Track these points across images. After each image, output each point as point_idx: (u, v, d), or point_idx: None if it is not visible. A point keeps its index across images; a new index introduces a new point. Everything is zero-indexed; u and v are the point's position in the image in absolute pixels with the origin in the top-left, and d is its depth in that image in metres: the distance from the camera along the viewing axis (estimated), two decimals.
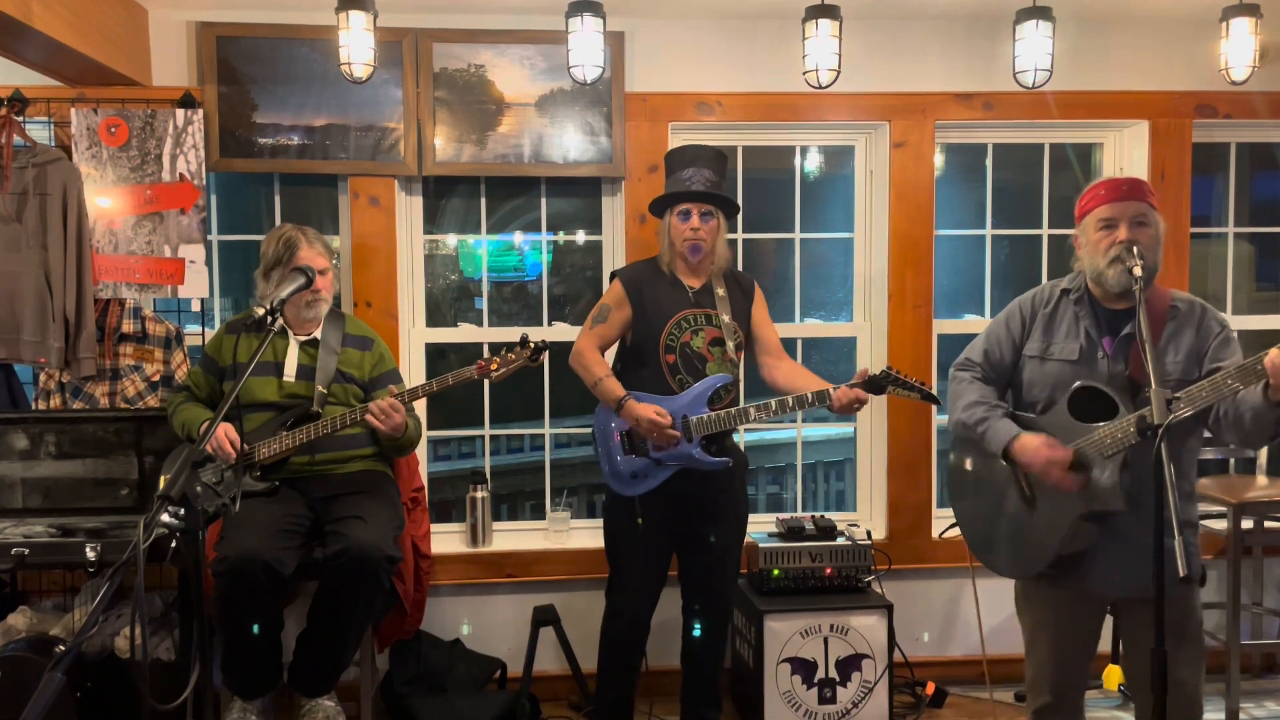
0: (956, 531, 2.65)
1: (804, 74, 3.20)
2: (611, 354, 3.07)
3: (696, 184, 2.90)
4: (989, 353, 2.49)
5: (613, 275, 3.06)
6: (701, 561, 3.00)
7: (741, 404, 2.97)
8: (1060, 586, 2.37)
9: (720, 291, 2.98)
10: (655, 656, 3.46)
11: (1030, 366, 2.41)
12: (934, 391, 2.85)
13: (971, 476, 2.52)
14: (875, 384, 2.78)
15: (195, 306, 3.55)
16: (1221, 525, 3.39)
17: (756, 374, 3.10)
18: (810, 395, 2.80)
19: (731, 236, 3.81)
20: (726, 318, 2.95)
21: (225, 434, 2.86)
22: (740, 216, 3.78)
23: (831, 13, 3.12)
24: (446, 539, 3.73)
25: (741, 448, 3.38)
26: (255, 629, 2.75)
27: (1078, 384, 2.28)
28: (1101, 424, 2.22)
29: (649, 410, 2.81)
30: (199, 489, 2.83)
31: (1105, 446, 2.21)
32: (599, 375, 2.90)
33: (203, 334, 3.52)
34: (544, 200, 3.75)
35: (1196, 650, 2.28)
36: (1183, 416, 2.06)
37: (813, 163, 3.92)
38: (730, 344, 2.94)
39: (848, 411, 2.81)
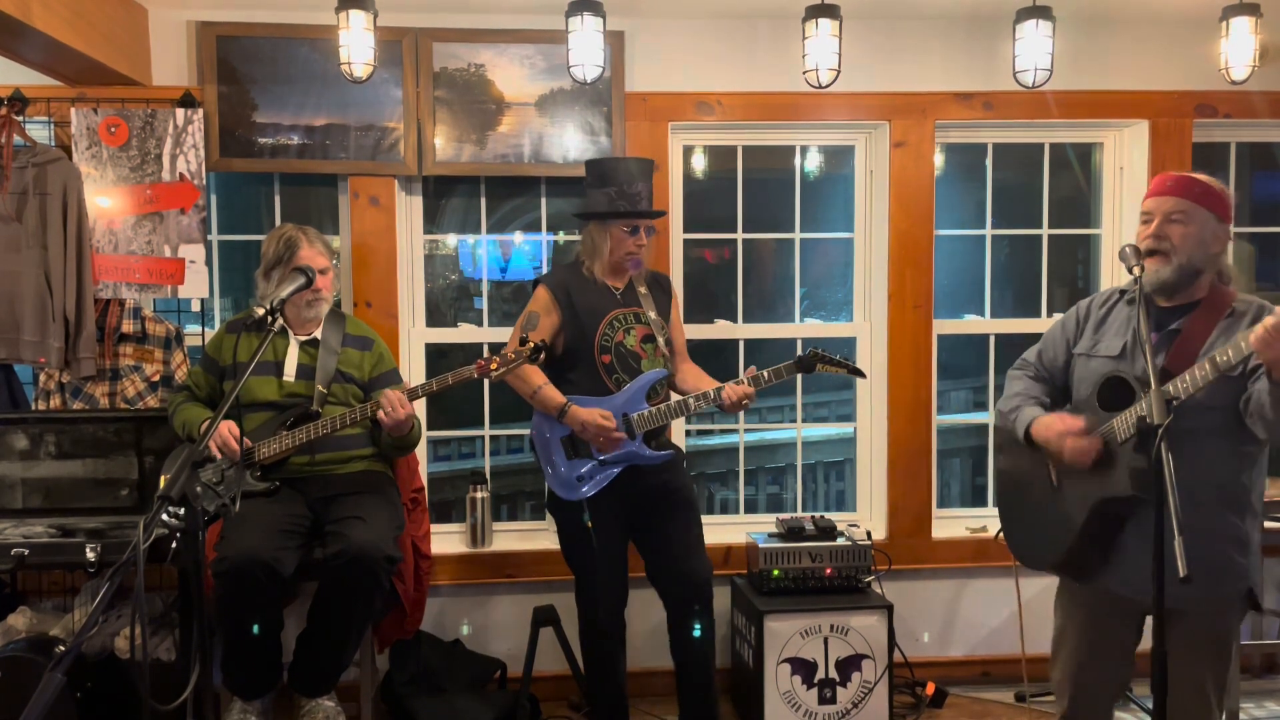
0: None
1: (804, 74, 3.20)
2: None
3: (645, 202, 2.97)
4: (1043, 353, 2.52)
5: (534, 283, 3.07)
6: (665, 553, 3.01)
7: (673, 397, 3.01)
8: (1097, 590, 2.34)
9: (642, 290, 3.05)
10: (652, 657, 3.46)
11: (1079, 365, 2.42)
12: (856, 365, 2.99)
13: (1013, 471, 2.53)
14: (804, 364, 2.91)
15: (195, 306, 3.55)
16: None
17: None
18: (712, 392, 2.89)
19: (731, 236, 3.82)
20: (653, 314, 3.02)
21: (228, 430, 2.86)
22: (740, 217, 3.79)
23: (831, 12, 3.12)
24: (446, 539, 3.73)
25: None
26: (255, 629, 2.75)
27: (1105, 375, 2.27)
28: (1121, 412, 2.21)
29: (594, 414, 2.85)
30: (199, 489, 2.81)
31: (1120, 433, 2.20)
32: (537, 384, 2.92)
33: (203, 334, 3.52)
34: (544, 200, 3.75)
35: (1225, 673, 2.25)
36: (1176, 399, 2.02)
37: (813, 163, 3.92)
38: (660, 339, 3.01)
39: (736, 410, 2.90)
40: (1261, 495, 2.28)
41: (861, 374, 3.04)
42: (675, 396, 3.01)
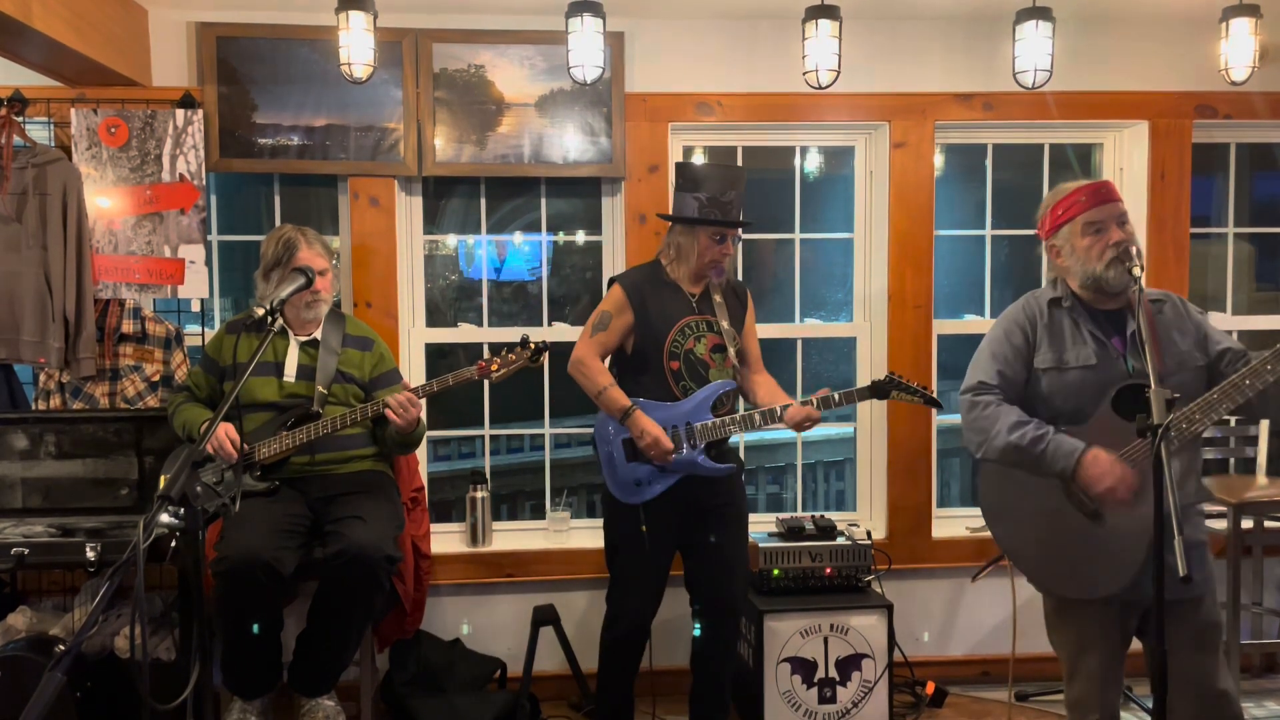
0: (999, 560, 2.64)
1: (804, 74, 3.20)
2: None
3: (736, 212, 2.92)
4: (1003, 373, 2.41)
5: (611, 281, 3.02)
6: (708, 566, 2.99)
7: (741, 409, 2.98)
8: (1106, 600, 2.32)
9: (718, 298, 2.99)
10: (660, 656, 3.46)
11: (1048, 379, 2.37)
12: (934, 395, 2.90)
13: (1016, 497, 2.42)
14: (879, 389, 2.84)
15: (195, 307, 3.55)
16: (1221, 525, 3.39)
17: None
18: (816, 400, 2.86)
19: None
20: (725, 324, 2.97)
21: (226, 434, 2.86)
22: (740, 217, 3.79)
23: (831, 13, 3.12)
24: (446, 539, 3.73)
25: (740, 451, 3.39)
26: (255, 629, 2.75)
27: (1121, 384, 2.27)
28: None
29: (655, 427, 2.82)
30: (199, 489, 2.82)
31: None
32: (603, 385, 2.87)
33: (202, 334, 3.52)
34: (544, 200, 3.75)
35: (1231, 659, 2.30)
36: (1201, 430, 2.17)
37: (813, 163, 3.92)
38: (731, 350, 2.96)
39: (799, 429, 2.88)
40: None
41: (939, 404, 2.94)
42: (744, 407, 2.97)
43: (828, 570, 3.37)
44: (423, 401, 2.94)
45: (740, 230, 3.01)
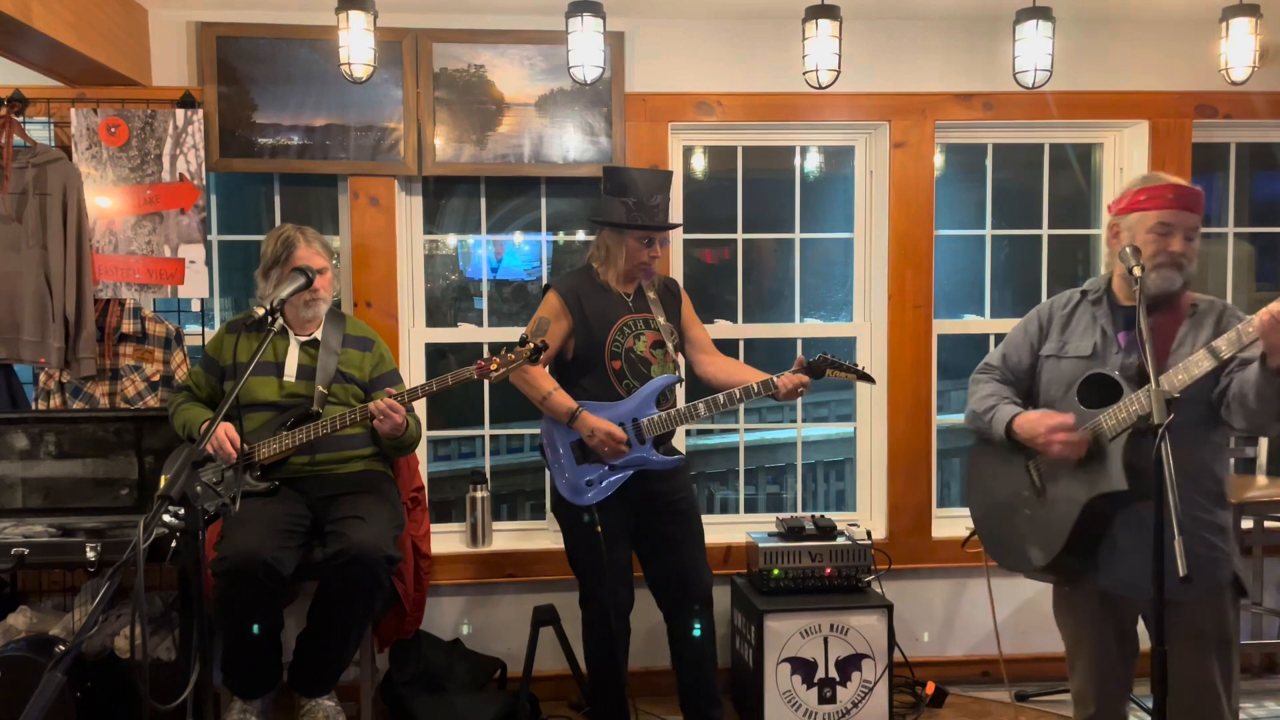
0: (973, 537, 2.65)
1: (804, 74, 3.20)
2: None
3: (663, 214, 3.00)
4: (1007, 357, 2.53)
5: (545, 288, 3.07)
6: (664, 564, 3.03)
7: (681, 403, 3.01)
8: (1090, 593, 2.36)
9: (651, 295, 3.07)
10: (651, 657, 3.46)
11: (1047, 367, 2.44)
12: (869, 372, 2.99)
13: (987, 476, 2.53)
14: (813, 369, 2.91)
15: (195, 306, 3.55)
16: None
17: (690, 372, 3.19)
18: (756, 385, 2.91)
19: (731, 236, 3.82)
20: (662, 320, 3.04)
21: (225, 434, 2.86)
22: (740, 217, 3.79)
23: (831, 13, 3.12)
24: (446, 539, 3.73)
25: (740, 451, 3.46)
26: (255, 629, 2.75)
27: (1087, 373, 2.30)
28: (1107, 408, 2.23)
29: (604, 423, 2.87)
30: (199, 489, 2.84)
31: (1109, 429, 2.22)
32: (547, 390, 2.93)
33: (203, 334, 3.52)
34: (544, 200, 3.75)
35: (1230, 664, 2.27)
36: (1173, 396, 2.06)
37: (813, 163, 3.92)
38: (670, 345, 3.03)
39: (793, 397, 2.93)
40: (1227, 483, 2.35)
41: (872, 379, 3.02)
42: (717, 394, 2.95)
43: (828, 570, 3.37)
44: (421, 401, 2.95)
45: (669, 233, 3.09)
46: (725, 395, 2.91)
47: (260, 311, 2.36)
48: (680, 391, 3.33)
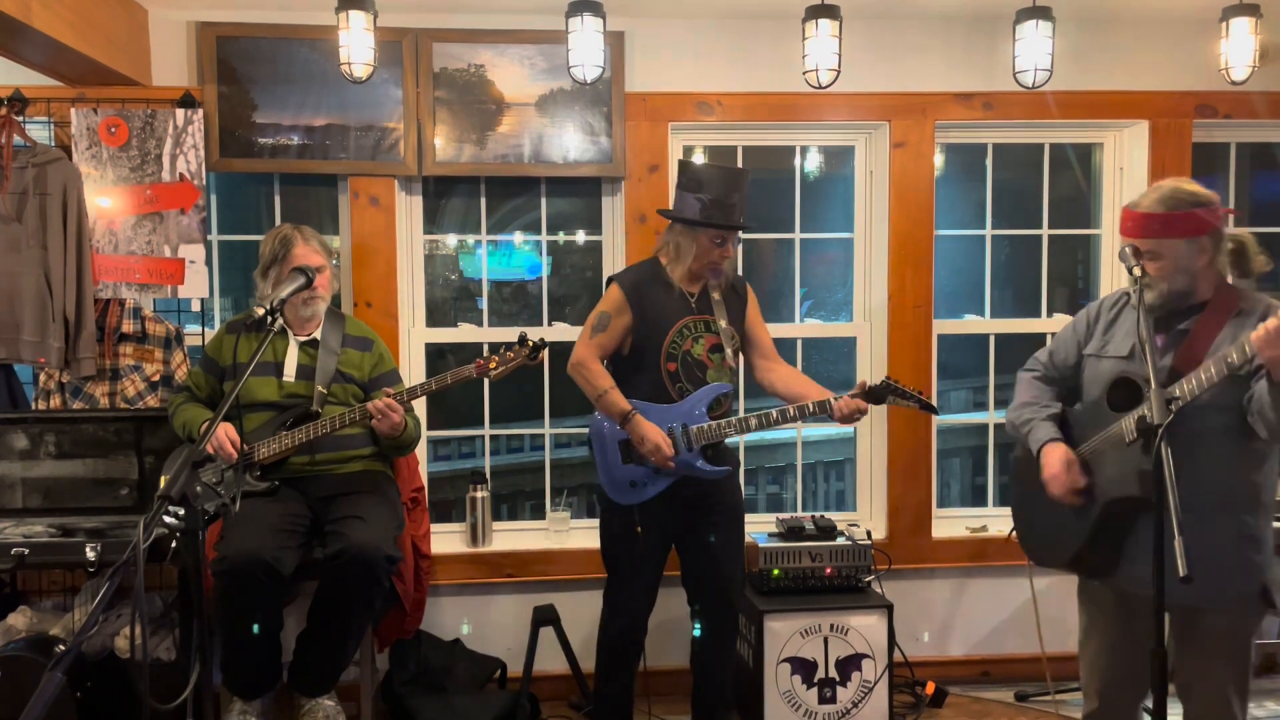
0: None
1: (804, 74, 3.20)
2: None
3: (739, 215, 2.88)
4: (1054, 353, 2.54)
5: (609, 280, 2.99)
6: (705, 563, 2.99)
7: (738, 409, 2.97)
8: (1109, 587, 2.37)
9: (716, 296, 2.97)
10: (656, 656, 3.46)
11: (1089, 366, 2.44)
12: (932, 401, 2.86)
13: (1024, 465, 2.54)
14: (875, 394, 2.78)
15: (195, 306, 3.55)
16: None
17: (749, 374, 3.12)
18: (812, 405, 2.81)
19: None
20: (724, 323, 2.95)
21: (225, 434, 2.86)
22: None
23: (831, 13, 3.12)
24: (446, 539, 3.73)
25: (739, 452, 3.40)
26: (255, 629, 2.75)
27: (1115, 375, 2.30)
28: (1127, 413, 2.23)
29: (657, 433, 2.79)
30: (199, 489, 2.84)
31: (1126, 432, 2.21)
32: (604, 387, 2.84)
33: (203, 334, 3.52)
34: (544, 200, 3.75)
35: (1244, 674, 2.26)
36: (1176, 407, 2.04)
37: (813, 163, 3.92)
38: (729, 350, 2.94)
39: (848, 422, 2.80)
40: (1274, 492, 2.28)
41: (935, 409, 2.88)
42: (781, 403, 2.91)
43: (828, 570, 3.37)
44: (421, 401, 2.94)
45: (740, 233, 2.98)
46: (779, 411, 2.83)
47: (260, 311, 2.36)
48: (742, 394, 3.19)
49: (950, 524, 3.83)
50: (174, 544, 2.65)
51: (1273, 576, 2.24)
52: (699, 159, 3.83)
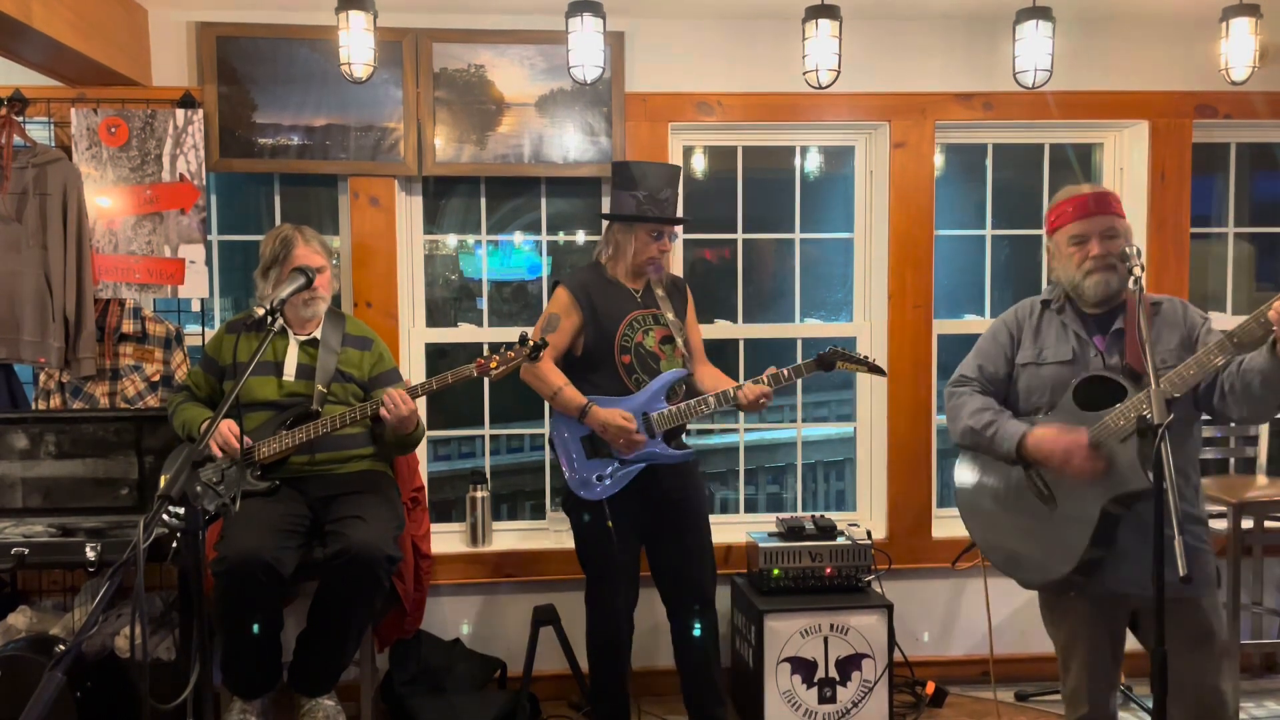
0: (972, 557, 2.66)
1: (804, 74, 3.20)
2: None
3: (672, 208, 3.00)
4: (983, 367, 2.53)
5: (555, 284, 3.08)
6: (676, 556, 3.03)
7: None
8: (1085, 596, 2.37)
9: (660, 292, 3.08)
10: (653, 657, 3.46)
11: (1026, 374, 2.46)
12: (879, 364, 3.01)
13: (985, 492, 2.51)
14: (824, 361, 2.92)
15: (195, 306, 3.55)
16: (1222, 525, 3.39)
17: None
18: (732, 391, 2.92)
19: (731, 236, 3.82)
20: (671, 316, 3.05)
21: (228, 428, 2.86)
22: (740, 216, 3.79)
23: (831, 13, 3.12)
24: (446, 539, 3.73)
25: (740, 452, 3.47)
26: (255, 629, 2.75)
27: (1083, 376, 2.32)
28: (1113, 408, 2.24)
29: (615, 415, 2.87)
30: (199, 488, 2.83)
31: (1118, 430, 2.22)
32: (557, 385, 2.93)
33: (203, 334, 3.52)
34: (544, 200, 3.75)
35: (1231, 659, 2.30)
36: (1173, 396, 2.11)
37: (813, 163, 3.92)
38: (679, 340, 3.04)
39: (755, 409, 2.93)
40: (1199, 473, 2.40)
41: (882, 371, 3.05)
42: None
43: (828, 570, 3.37)
44: (422, 400, 2.94)
45: (678, 228, 3.09)
46: (716, 396, 2.93)
47: (260, 311, 2.35)
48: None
49: (950, 524, 3.82)
50: (174, 544, 2.65)
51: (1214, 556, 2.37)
52: (699, 159, 3.83)
